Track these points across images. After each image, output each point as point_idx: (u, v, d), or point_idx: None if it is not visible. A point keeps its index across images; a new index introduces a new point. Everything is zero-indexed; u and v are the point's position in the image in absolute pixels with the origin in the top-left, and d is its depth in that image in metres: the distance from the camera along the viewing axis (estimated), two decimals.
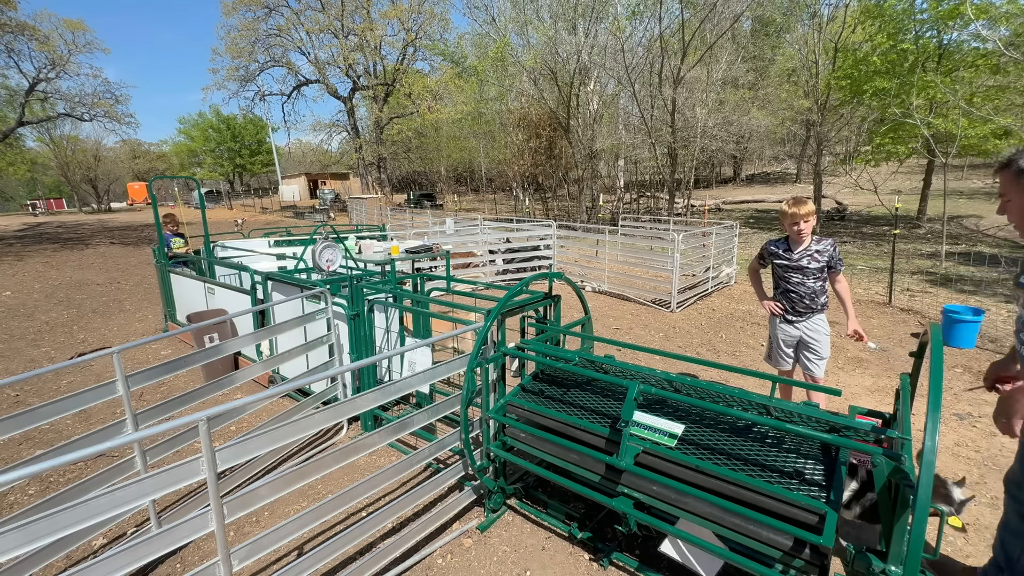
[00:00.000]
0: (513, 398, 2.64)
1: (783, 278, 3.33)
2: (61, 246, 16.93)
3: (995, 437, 3.60)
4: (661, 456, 2.06)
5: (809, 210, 3.14)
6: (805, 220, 3.14)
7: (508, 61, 21.87)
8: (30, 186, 49.41)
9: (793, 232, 3.20)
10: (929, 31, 12.67)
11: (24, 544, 1.46)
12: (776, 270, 3.38)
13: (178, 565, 2.53)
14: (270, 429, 1.99)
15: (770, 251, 3.39)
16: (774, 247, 3.37)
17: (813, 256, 3.20)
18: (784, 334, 3.39)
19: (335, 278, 4.48)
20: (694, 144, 16.87)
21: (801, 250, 3.24)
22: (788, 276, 3.29)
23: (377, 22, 27.78)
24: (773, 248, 3.37)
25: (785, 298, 3.35)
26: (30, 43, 20.96)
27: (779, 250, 3.33)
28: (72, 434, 3.89)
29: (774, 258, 3.36)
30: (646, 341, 6.02)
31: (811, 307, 3.27)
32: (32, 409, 2.14)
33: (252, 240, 7.83)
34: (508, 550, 2.58)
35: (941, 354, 1.57)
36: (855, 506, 1.96)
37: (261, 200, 42.51)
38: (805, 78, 17.71)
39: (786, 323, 3.37)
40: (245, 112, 32.74)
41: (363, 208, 21.18)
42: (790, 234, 3.26)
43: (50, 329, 6.97)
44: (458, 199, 36.71)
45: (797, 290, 3.27)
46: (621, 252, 9.16)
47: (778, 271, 3.36)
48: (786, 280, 3.31)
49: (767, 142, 29.20)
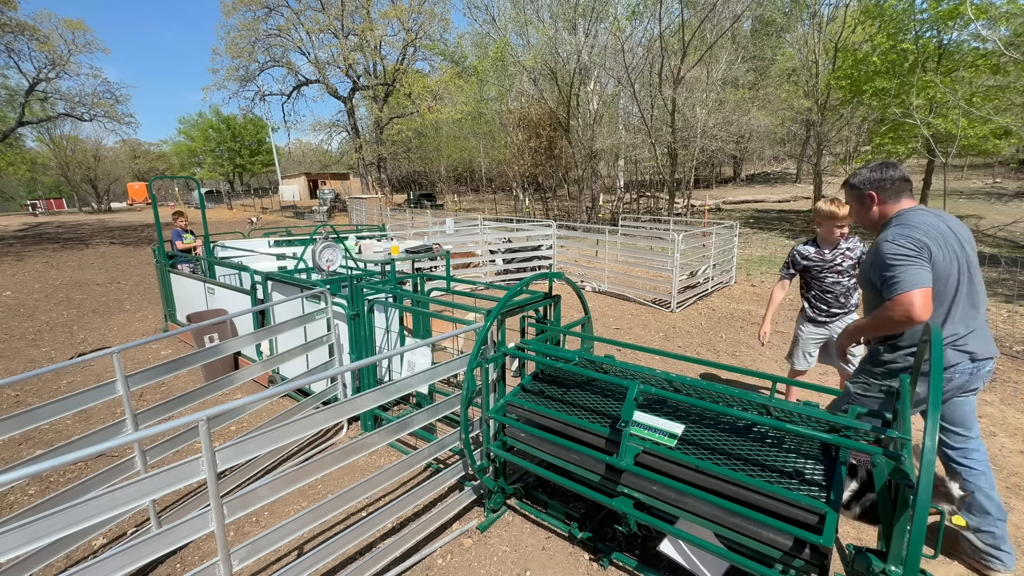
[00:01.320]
0: (513, 398, 2.64)
1: (816, 280, 3.27)
2: (61, 246, 16.93)
3: (995, 437, 3.60)
4: (661, 456, 2.06)
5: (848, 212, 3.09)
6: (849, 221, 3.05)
7: (508, 61, 21.88)
8: (30, 186, 49.40)
9: (834, 234, 3.16)
10: (929, 31, 12.67)
11: (24, 544, 1.46)
12: (808, 274, 3.32)
13: (178, 565, 2.53)
14: (270, 429, 1.99)
15: (803, 255, 3.30)
16: (805, 251, 3.30)
17: (845, 254, 3.19)
18: (812, 335, 3.36)
19: (335, 278, 4.48)
20: (694, 144, 16.87)
21: (834, 250, 3.22)
22: (823, 278, 3.24)
23: (377, 22, 27.76)
24: (804, 252, 3.30)
25: (820, 300, 3.31)
26: (30, 43, 20.97)
27: (810, 253, 3.28)
28: (72, 434, 3.89)
29: (807, 262, 3.28)
30: (646, 341, 6.02)
31: (845, 306, 3.24)
32: (32, 409, 2.14)
33: (252, 240, 7.83)
34: (508, 550, 2.58)
35: (941, 354, 1.57)
36: (855, 506, 1.96)
37: (261, 200, 42.50)
38: (805, 78, 17.70)
39: (817, 324, 3.34)
40: (245, 112, 32.71)
41: (363, 208, 21.18)
42: (826, 235, 3.21)
43: (50, 329, 6.97)
44: (458, 199, 36.72)
45: (833, 290, 3.23)
46: (621, 252, 9.16)
47: (811, 274, 3.30)
48: (820, 282, 3.26)
49: (767, 142, 29.20)
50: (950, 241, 2.07)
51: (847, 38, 15.41)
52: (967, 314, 2.10)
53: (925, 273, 1.98)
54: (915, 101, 10.98)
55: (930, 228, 2.06)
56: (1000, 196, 19.06)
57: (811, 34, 16.50)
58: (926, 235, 2.04)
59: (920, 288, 1.95)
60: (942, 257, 2.03)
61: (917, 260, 1.99)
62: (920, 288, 1.95)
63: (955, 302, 2.09)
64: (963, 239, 2.12)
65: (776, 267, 10.62)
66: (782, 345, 5.71)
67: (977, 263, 2.15)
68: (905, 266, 1.99)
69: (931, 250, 2.01)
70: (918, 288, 1.95)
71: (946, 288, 2.07)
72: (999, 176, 23.79)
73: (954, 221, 2.16)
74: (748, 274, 9.94)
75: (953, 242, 2.08)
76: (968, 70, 11.84)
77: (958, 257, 2.07)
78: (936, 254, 2.02)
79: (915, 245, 2.01)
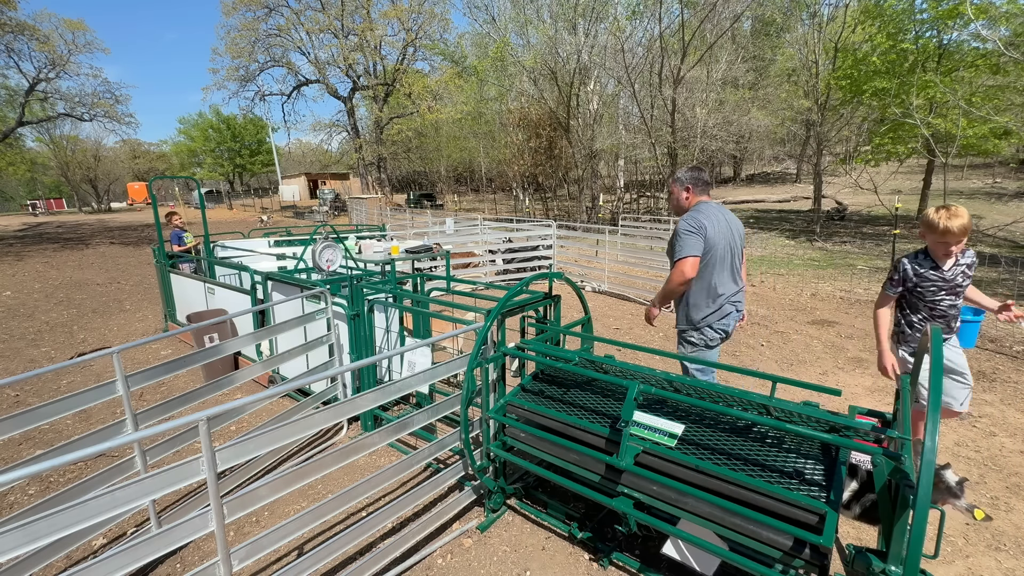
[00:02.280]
0: (513, 398, 2.64)
1: (932, 302, 2.66)
2: (61, 246, 16.93)
3: (995, 437, 3.60)
4: (661, 456, 2.06)
5: (967, 224, 2.48)
6: (967, 232, 2.51)
7: (508, 61, 21.88)
8: (30, 186, 49.42)
9: (950, 251, 2.56)
10: (929, 31, 12.68)
11: (24, 544, 1.46)
12: (918, 292, 2.68)
13: (178, 565, 2.53)
14: (270, 429, 1.99)
15: (915, 271, 2.66)
16: (917, 265, 2.66)
17: (964, 272, 2.62)
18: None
19: (335, 278, 4.48)
20: (694, 144, 16.88)
21: (952, 265, 2.60)
22: (939, 300, 2.64)
23: (377, 22, 27.75)
24: (916, 267, 2.66)
25: (932, 324, 2.52)
26: (30, 43, 20.95)
27: (924, 268, 2.64)
28: (72, 434, 3.89)
29: (920, 279, 2.65)
30: (646, 341, 6.02)
31: (953, 328, 2.75)
32: (32, 409, 2.14)
33: (252, 240, 7.84)
34: (508, 550, 2.58)
35: (941, 354, 1.57)
36: (855, 506, 1.96)
37: (261, 200, 42.51)
38: (805, 78, 17.70)
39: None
40: (245, 112, 32.64)
41: (363, 208, 21.18)
42: (938, 250, 2.60)
43: (50, 329, 6.97)
44: (458, 199, 36.73)
45: (948, 312, 2.67)
46: (621, 252, 9.15)
47: (923, 293, 2.67)
48: (934, 305, 2.66)
49: (767, 142, 29.21)
50: (723, 228, 2.85)
51: (847, 38, 15.42)
52: (733, 278, 2.92)
53: (698, 244, 2.75)
54: (915, 101, 10.99)
55: (711, 216, 2.84)
56: (1000, 196, 19.07)
57: (811, 34, 16.51)
58: (707, 219, 2.80)
59: (691, 256, 2.75)
60: (716, 236, 2.80)
61: (695, 235, 2.77)
62: (691, 256, 2.75)
63: (723, 269, 2.86)
64: (735, 230, 2.94)
65: (776, 267, 10.61)
66: (782, 345, 5.72)
67: (742, 250, 2.99)
68: (686, 238, 2.77)
69: (708, 230, 2.78)
70: (690, 256, 2.75)
71: (722, 259, 2.84)
72: (999, 176, 23.79)
73: (732, 216, 2.98)
74: (748, 274, 9.95)
75: (726, 229, 2.87)
76: (968, 70, 11.85)
77: (728, 241, 2.86)
78: (711, 234, 2.78)
79: (698, 225, 2.79)
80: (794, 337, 5.99)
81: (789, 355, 5.39)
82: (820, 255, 11.94)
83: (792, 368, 5.04)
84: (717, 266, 2.83)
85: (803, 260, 11.37)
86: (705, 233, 2.75)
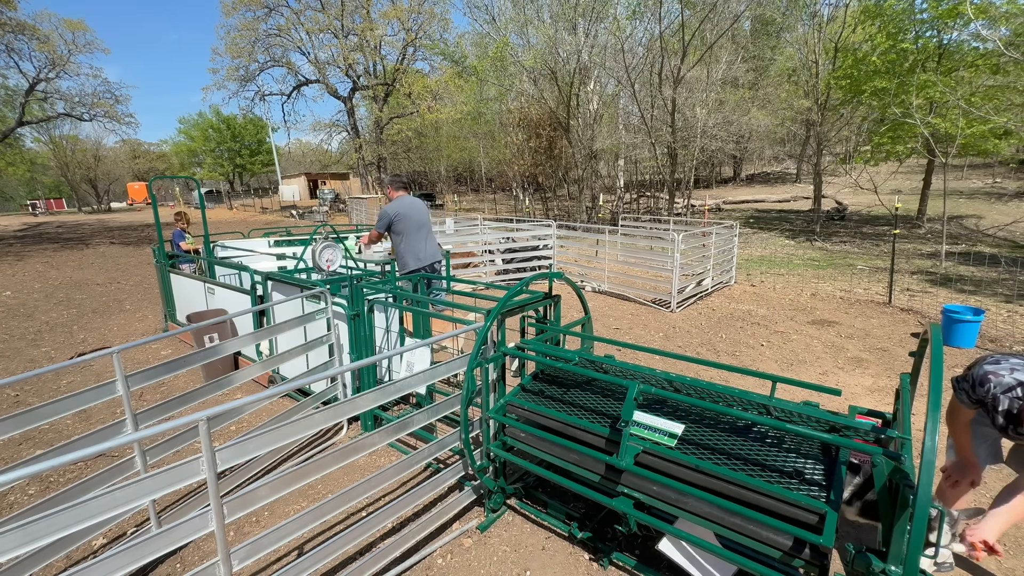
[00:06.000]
0: (513, 398, 2.64)
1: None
2: (61, 246, 16.93)
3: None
4: (661, 456, 2.06)
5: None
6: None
7: (508, 61, 21.86)
8: (30, 186, 49.41)
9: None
10: (929, 31, 12.68)
11: (24, 544, 1.46)
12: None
13: (178, 565, 2.53)
14: (270, 429, 1.99)
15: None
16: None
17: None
18: (991, 433, 2.28)
19: (335, 278, 4.48)
20: (694, 144, 16.87)
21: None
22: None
23: (377, 22, 27.72)
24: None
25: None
26: (30, 43, 20.91)
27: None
28: (72, 434, 3.89)
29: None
30: (646, 341, 6.02)
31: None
32: (32, 409, 2.14)
33: (252, 240, 7.84)
34: (508, 550, 2.58)
35: (941, 354, 1.58)
36: (856, 503, 1.95)
37: (261, 200, 42.49)
38: (805, 78, 17.70)
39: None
40: (245, 112, 32.58)
41: (363, 208, 21.17)
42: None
43: (50, 329, 6.97)
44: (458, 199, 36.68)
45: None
46: (621, 252, 9.15)
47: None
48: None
49: (767, 142, 29.21)
50: (416, 209, 4.87)
51: (847, 38, 15.41)
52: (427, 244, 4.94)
53: (384, 223, 4.83)
54: (915, 101, 10.98)
55: (404, 204, 4.83)
56: (1000, 196, 19.07)
57: (811, 34, 16.51)
58: (400, 207, 4.81)
59: (377, 230, 4.93)
60: (409, 214, 4.82)
61: (386, 217, 4.79)
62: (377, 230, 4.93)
63: (418, 237, 4.87)
64: (421, 211, 4.91)
65: (776, 266, 10.62)
66: (782, 345, 5.72)
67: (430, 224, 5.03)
68: (382, 219, 4.81)
69: (401, 214, 4.78)
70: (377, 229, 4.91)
71: (418, 228, 4.86)
72: (999, 176, 23.79)
73: (419, 202, 4.96)
74: (748, 274, 9.95)
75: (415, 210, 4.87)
76: (968, 70, 11.84)
77: (419, 217, 4.87)
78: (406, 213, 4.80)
79: (392, 211, 4.78)
80: (794, 337, 5.99)
81: (789, 355, 5.39)
82: (820, 255, 11.94)
83: (792, 368, 5.04)
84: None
85: (803, 260, 11.37)
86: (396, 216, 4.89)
